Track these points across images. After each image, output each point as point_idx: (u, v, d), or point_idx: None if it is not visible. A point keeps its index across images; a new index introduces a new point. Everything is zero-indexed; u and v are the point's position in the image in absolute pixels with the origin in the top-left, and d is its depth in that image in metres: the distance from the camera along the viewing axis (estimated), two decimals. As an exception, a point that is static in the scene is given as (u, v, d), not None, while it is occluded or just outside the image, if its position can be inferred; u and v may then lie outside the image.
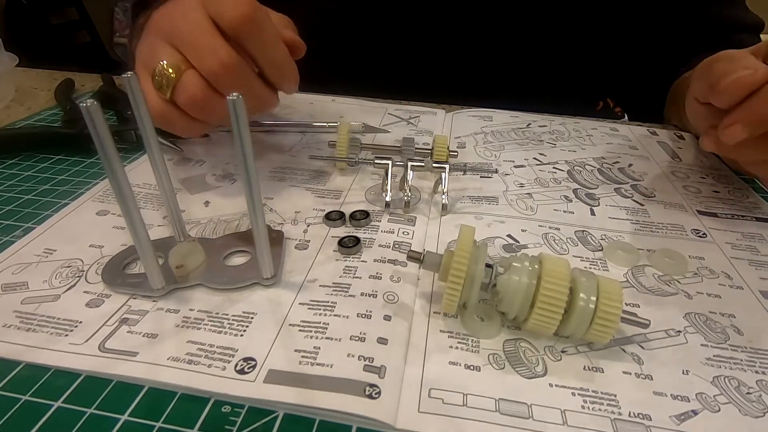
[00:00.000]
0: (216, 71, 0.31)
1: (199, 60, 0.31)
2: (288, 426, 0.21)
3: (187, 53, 0.32)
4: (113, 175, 0.22)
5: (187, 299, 0.27)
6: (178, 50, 0.32)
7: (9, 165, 0.41)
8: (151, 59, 0.33)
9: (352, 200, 0.38)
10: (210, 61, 0.31)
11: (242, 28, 0.31)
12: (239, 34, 0.31)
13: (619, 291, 0.24)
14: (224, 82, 0.32)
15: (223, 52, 0.31)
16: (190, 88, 0.32)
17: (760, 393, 0.23)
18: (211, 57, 0.31)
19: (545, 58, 0.59)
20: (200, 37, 0.31)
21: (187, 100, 0.32)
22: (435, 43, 0.60)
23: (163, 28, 0.33)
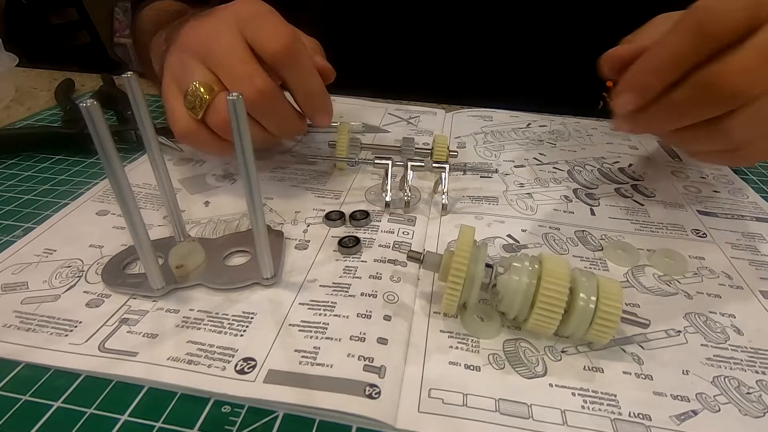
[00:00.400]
0: (251, 98, 0.31)
1: (234, 84, 0.31)
2: (288, 426, 0.21)
3: (222, 76, 0.32)
4: (113, 175, 0.22)
5: (187, 299, 0.27)
6: (211, 71, 0.32)
7: (9, 165, 0.41)
8: (183, 77, 0.33)
9: (352, 200, 0.38)
10: (246, 88, 0.31)
11: (282, 59, 0.32)
12: (278, 64, 0.32)
13: (619, 291, 0.24)
14: (258, 108, 0.32)
15: (259, 79, 0.31)
16: (222, 111, 0.32)
17: (760, 393, 0.23)
18: (247, 83, 0.31)
19: (545, 58, 0.59)
20: (237, 62, 0.31)
21: (221, 123, 0.32)
22: (435, 43, 0.60)
23: (194, 46, 0.33)
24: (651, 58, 0.29)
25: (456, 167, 0.38)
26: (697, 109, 0.28)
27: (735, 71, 0.26)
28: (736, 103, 0.27)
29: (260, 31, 0.31)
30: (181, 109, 0.33)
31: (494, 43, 0.58)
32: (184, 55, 0.34)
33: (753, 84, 0.26)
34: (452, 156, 0.42)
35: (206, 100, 0.32)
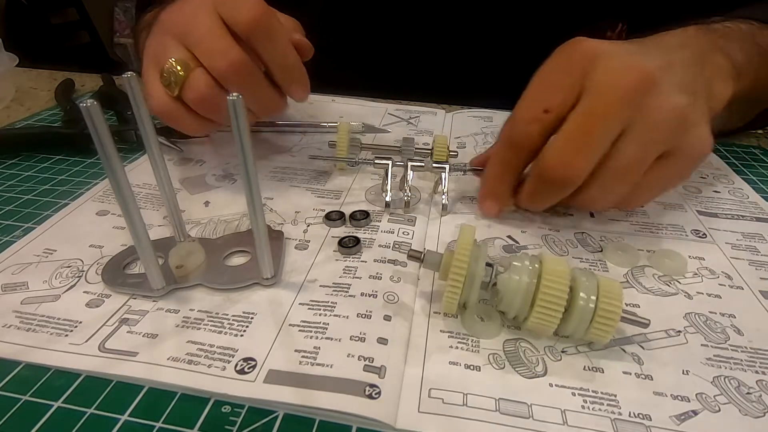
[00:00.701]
0: (225, 71, 0.31)
1: (209, 59, 0.32)
2: (288, 426, 0.21)
3: (197, 52, 0.32)
4: (113, 175, 0.22)
5: (187, 299, 0.27)
6: (188, 49, 0.32)
7: (9, 165, 0.41)
8: (160, 56, 0.33)
9: (352, 200, 0.38)
10: (219, 61, 0.31)
11: (254, 31, 0.32)
12: (250, 36, 0.32)
13: (619, 290, 0.24)
14: (232, 81, 0.32)
15: (232, 52, 0.31)
16: (198, 86, 0.32)
17: (760, 393, 0.23)
18: (220, 57, 0.31)
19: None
20: (211, 37, 0.32)
21: (195, 98, 0.32)
22: (435, 42, 0.60)
23: (172, 27, 0.34)
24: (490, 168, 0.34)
25: (456, 167, 0.38)
26: (545, 195, 0.32)
27: (552, 164, 0.29)
28: (569, 186, 0.30)
29: (234, 7, 0.32)
30: (158, 87, 0.33)
31: (494, 43, 0.58)
32: (162, 36, 0.34)
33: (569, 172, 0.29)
34: (452, 156, 0.42)
35: (182, 77, 0.32)
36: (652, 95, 0.28)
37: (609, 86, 0.28)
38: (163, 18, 0.35)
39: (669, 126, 0.29)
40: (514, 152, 0.32)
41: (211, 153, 0.44)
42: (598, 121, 0.28)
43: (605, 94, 0.28)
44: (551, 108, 0.30)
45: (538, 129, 0.30)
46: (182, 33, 0.33)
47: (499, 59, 0.60)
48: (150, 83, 0.34)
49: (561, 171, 0.29)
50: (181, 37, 0.33)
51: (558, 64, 0.31)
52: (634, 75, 0.28)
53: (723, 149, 0.49)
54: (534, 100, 0.31)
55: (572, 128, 0.29)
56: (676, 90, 0.29)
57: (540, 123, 0.30)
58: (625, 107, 0.28)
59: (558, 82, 0.30)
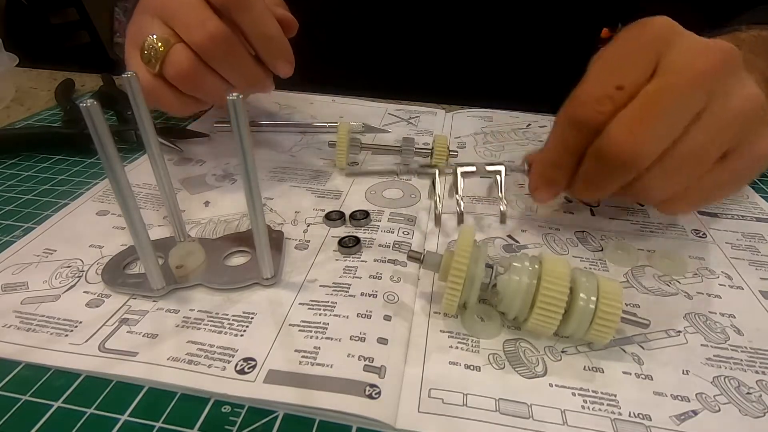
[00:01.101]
0: (204, 43, 0.31)
1: (188, 33, 0.31)
2: (288, 426, 0.21)
3: (176, 27, 0.32)
4: (113, 175, 0.22)
5: (187, 299, 0.27)
6: (167, 25, 0.32)
7: (9, 165, 0.41)
8: (140, 35, 0.33)
9: (352, 200, 0.37)
10: (198, 34, 0.31)
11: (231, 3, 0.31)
12: (228, 6, 0.31)
13: (619, 291, 0.24)
14: (213, 54, 0.32)
15: (210, 24, 0.31)
16: (178, 61, 0.32)
17: (760, 393, 0.23)
18: (199, 29, 0.31)
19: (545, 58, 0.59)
20: (189, 10, 0.31)
21: (176, 74, 0.32)
22: (435, 42, 0.60)
23: (152, 5, 0.33)
24: (546, 154, 0.31)
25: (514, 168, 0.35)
26: (605, 180, 0.29)
27: (619, 140, 0.27)
28: (633, 168, 0.27)
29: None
30: (140, 65, 0.33)
31: (494, 43, 0.58)
32: (142, 16, 0.34)
33: (636, 149, 0.26)
34: (452, 156, 0.42)
35: (161, 53, 0.32)
36: (731, 78, 0.26)
37: (687, 65, 0.26)
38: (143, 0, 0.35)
39: (745, 116, 0.27)
40: (577, 133, 0.29)
41: (211, 153, 0.44)
42: (674, 98, 0.26)
43: (682, 73, 0.26)
44: (625, 85, 0.27)
45: (609, 107, 0.27)
46: (160, 9, 0.32)
47: (499, 59, 0.60)
48: (131, 64, 0.33)
49: (628, 147, 0.26)
50: (159, 13, 0.32)
51: (629, 41, 0.29)
52: (714, 55, 0.26)
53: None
54: (604, 78, 0.28)
55: (644, 103, 0.26)
56: (752, 80, 0.27)
57: (611, 101, 0.27)
58: (702, 87, 0.26)
59: (631, 59, 0.28)
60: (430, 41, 0.60)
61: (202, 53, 0.32)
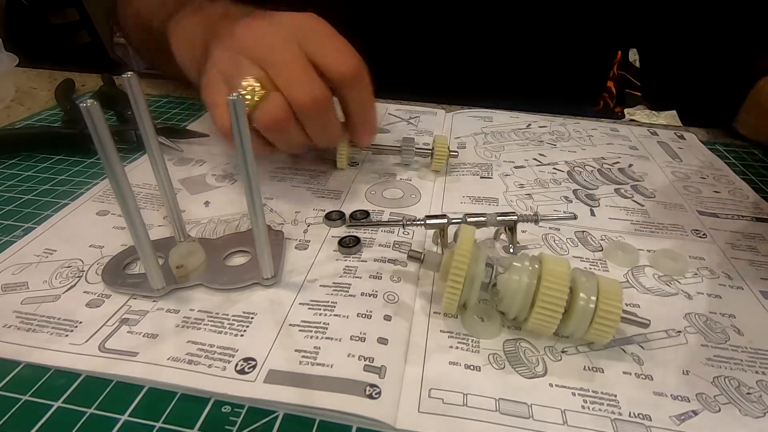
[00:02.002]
0: (306, 105, 0.32)
1: (290, 89, 0.32)
2: (288, 426, 0.21)
3: (277, 78, 0.32)
4: (113, 175, 0.22)
5: (187, 299, 0.27)
6: (266, 73, 0.32)
7: (9, 165, 0.41)
8: (234, 74, 0.33)
9: (352, 200, 0.37)
10: (303, 94, 0.32)
11: (350, 80, 0.33)
12: (344, 84, 0.33)
13: (619, 291, 0.24)
14: (310, 115, 0.33)
15: (317, 87, 0.32)
16: (274, 111, 0.32)
17: (761, 393, 0.23)
18: (304, 90, 0.32)
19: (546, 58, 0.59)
20: (296, 68, 0.32)
21: (269, 120, 0.32)
22: (435, 43, 0.60)
23: (250, 48, 0.33)
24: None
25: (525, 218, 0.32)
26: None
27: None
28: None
29: (326, 50, 0.33)
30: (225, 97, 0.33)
31: (494, 43, 0.58)
32: (236, 54, 0.34)
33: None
34: (452, 156, 0.42)
35: (260, 94, 0.32)
36: None
37: None
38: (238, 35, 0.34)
39: None
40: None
41: (211, 153, 0.44)
42: None
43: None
44: None
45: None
46: (261, 57, 0.33)
47: (500, 60, 0.60)
48: (216, 97, 0.34)
49: None
50: (259, 61, 0.33)
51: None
52: None
53: (723, 149, 0.49)
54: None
55: None
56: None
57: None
58: None
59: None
60: (430, 41, 0.60)
61: (299, 111, 0.32)
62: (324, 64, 0.32)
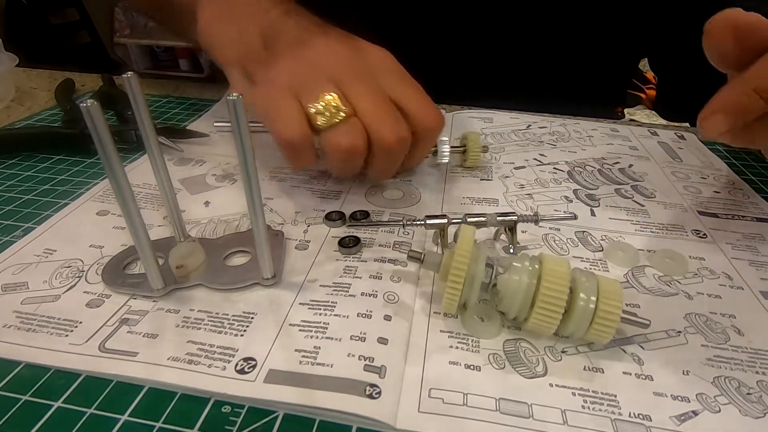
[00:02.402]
0: (391, 142, 0.32)
1: (378, 122, 0.32)
2: (288, 426, 0.21)
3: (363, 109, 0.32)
4: (113, 175, 0.22)
5: (187, 299, 0.27)
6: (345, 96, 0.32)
7: (9, 165, 0.41)
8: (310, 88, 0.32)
9: (352, 200, 0.37)
10: (390, 129, 0.32)
11: (431, 136, 0.34)
12: (425, 137, 0.34)
13: (620, 291, 0.24)
14: (389, 152, 0.32)
15: (404, 129, 0.32)
16: (356, 137, 0.31)
17: (761, 393, 0.23)
18: (393, 126, 0.32)
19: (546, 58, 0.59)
20: (386, 105, 0.32)
21: (347, 147, 0.31)
22: (436, 42, 0.60)
23: (329, 66, 0.33)
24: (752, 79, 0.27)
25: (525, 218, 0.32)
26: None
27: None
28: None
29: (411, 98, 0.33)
30: (295, 108, 0.31)
31: (495, 43, 0.58)
32: (313, 69, 0.33)
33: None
34: (484, 151, 0.42)
35: (341, 117, 0.31)
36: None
37: None
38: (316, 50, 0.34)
39: None
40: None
41: (211, 153, 0.44)
42: None
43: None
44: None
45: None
46: (342, 81, 0.32)
47: (500, 60, 0.60)
48: (285, 106, 0.32)
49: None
50: (339, 83, 0.32)
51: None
52: None
53: (723, 149, 0.49)
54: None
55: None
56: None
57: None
58: None
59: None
60: (431, 41, 0.60)
61: (379, 147, 0.32)
62: (410, 110, 0.33)
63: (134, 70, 0.27)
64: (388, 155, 0.33)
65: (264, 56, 0.35)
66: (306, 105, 0.31)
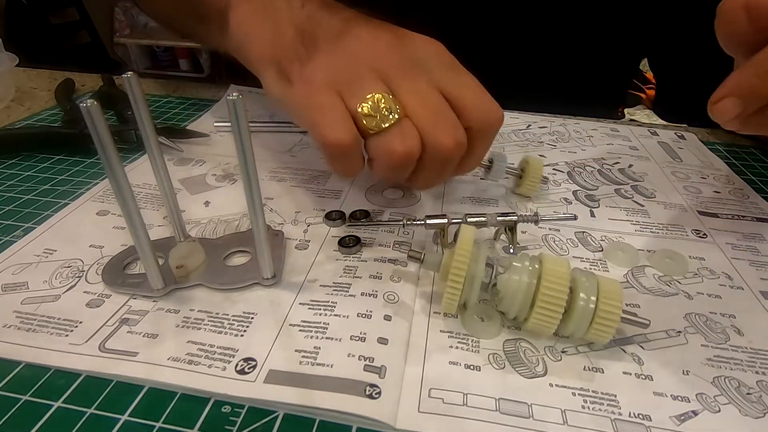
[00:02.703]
0: (449, 148, 0.28)
1: (436, 127, 0.28)
2: (288, 426, 0.21)
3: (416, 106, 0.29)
4: (113, 175, 0.22)
5: (187, 299, 0.27)
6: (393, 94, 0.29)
7: (9, 165, 0.41)
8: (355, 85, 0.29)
9: (352, 200, 0.37)
10: (447, 135, 0.28)
11: (490, 130, 0.31)
12: (484, 135, 0.31)
13: (620, 291, 0.24)
14: (445, 159, 0.29)
15: (461, 134, 0.29)
16: (411, 142, 0.28)
17: (761, 393, 0.23)
18: (451, 131, 0.28)
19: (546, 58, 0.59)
20: (442, 107, 0.29)
21: (402, 152, 0.28)
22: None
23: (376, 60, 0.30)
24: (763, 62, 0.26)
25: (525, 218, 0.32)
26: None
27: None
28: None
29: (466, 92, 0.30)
30: (340, 108, 0.28)
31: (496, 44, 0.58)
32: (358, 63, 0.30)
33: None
34: (543, 182, 0.39)
35: (393, 120, 0.28)
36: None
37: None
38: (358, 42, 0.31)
39: None
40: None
41: (211, 153, 0.44)
42: None
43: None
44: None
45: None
46: (390, 76, 0.29)
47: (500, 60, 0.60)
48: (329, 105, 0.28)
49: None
50: (387, 79, 0.29)
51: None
52: None
53: (723, 149, 0.49)
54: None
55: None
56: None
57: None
58: None
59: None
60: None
61: (434, 153, 0.29)
62: (466, 105, 0.29)
63: (134, 70, 0.27)
64: (442, 163, 0.29)
65: (301, 52, 0.31)
66: (352, 104, 0.28)
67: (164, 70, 2.24)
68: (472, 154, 0.31)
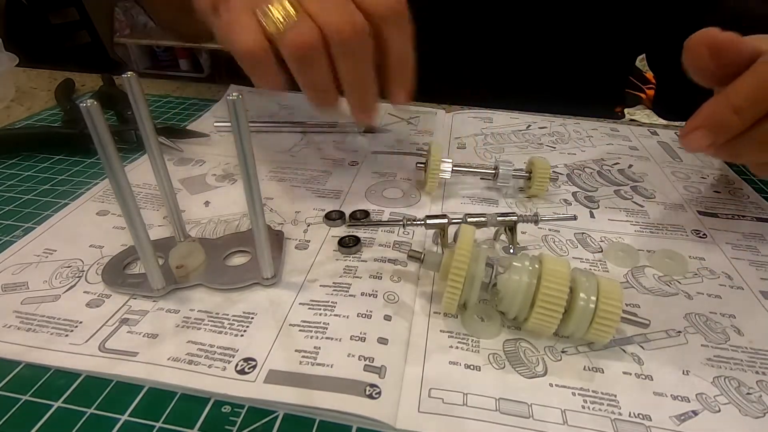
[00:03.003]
0: (344, 30, 0.29)
1: (327, 13, 0.29)
2: (288, 426, 0.21)
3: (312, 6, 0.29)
4: (113, 175, 0.22)
5: (187, 299, 0.27)
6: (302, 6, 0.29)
7: (9, 165, 0.41)
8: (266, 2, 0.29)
9: (352, 200, 0.37)
10: (339, 17, 0.29)
11: (392, 15, 0.30)
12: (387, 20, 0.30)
13: (619, 291, 0.24)
14: (345, 43, 0.29)
15: (359, 19, 0.29)
16: (307, 32, 0.29)
17: (761, 393, 0.23)
18: (342, 14, 0.29)
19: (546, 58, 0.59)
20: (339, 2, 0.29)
21: (299, 44, 0.29)
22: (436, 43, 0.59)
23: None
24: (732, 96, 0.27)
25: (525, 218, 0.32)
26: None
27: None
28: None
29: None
30: (253, 24, 0.29)
31: (495, 44, 0.58)
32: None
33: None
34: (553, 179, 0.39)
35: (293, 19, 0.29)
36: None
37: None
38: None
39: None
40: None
41: (211, 153, 0.44)
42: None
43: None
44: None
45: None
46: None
47: (500, 60, 0.60)
48: (242, 20, 0.30)
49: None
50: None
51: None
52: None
53: (723, 149, 0.49)
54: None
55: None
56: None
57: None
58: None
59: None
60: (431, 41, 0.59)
61: (333, 40, 0.29)
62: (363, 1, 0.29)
63: (134, 70, 0.27)
64: (347, 50, 0.30)
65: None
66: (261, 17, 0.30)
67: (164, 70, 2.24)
68: (390, 47, 0.31)
